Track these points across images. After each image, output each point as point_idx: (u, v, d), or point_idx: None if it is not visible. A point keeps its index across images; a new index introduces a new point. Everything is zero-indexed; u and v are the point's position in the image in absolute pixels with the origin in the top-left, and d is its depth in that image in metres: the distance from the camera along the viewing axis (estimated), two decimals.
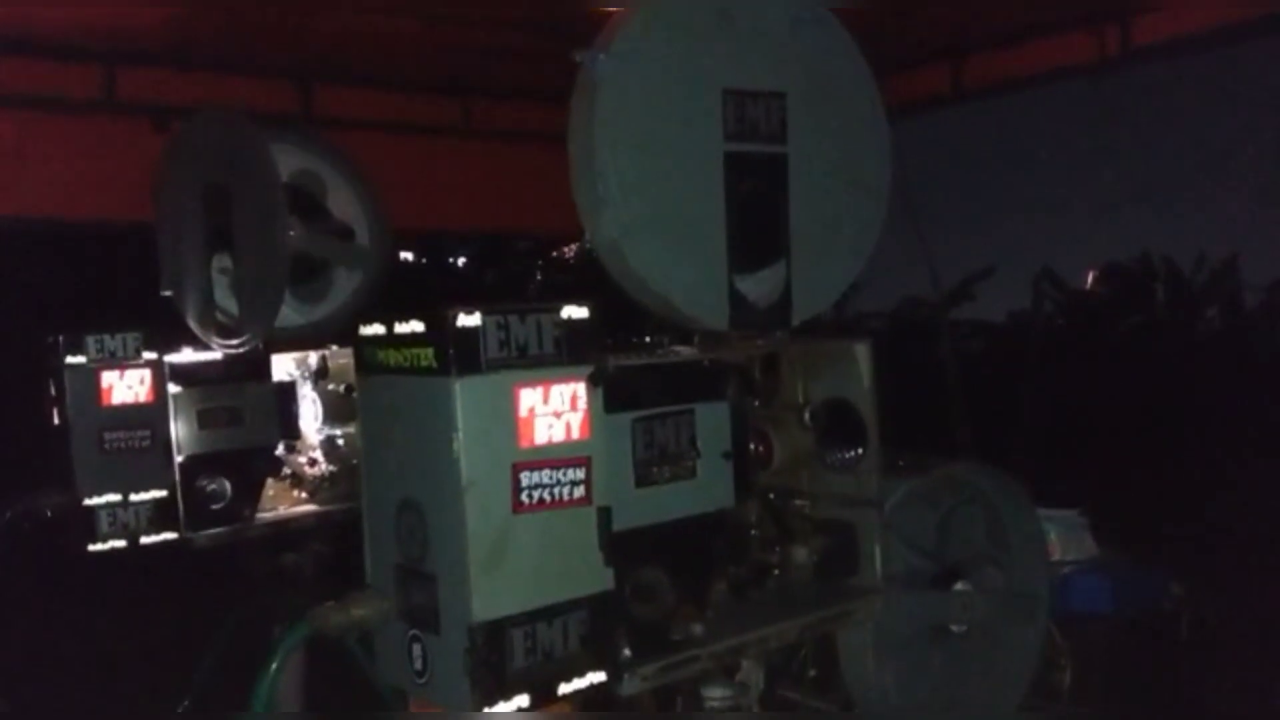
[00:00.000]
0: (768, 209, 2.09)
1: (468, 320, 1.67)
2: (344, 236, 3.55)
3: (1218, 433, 7.33)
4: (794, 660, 2.66)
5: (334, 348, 3.56)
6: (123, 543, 3.18)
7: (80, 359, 3.16)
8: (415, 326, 1.72)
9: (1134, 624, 3.72)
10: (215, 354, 3.31)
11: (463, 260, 11.27)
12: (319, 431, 3.56)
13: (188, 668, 3.57)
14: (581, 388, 1.77)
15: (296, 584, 3.45)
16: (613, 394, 1.82)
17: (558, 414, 1.74)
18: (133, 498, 3.19)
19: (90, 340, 3.17)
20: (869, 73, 2.23)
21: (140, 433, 3.21)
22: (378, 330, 1.80)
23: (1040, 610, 2.65)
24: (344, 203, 3.55)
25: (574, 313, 1.77)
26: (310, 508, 3.53)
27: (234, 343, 3.24)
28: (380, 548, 1.85)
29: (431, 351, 1.69)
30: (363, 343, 1.84)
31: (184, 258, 3.33)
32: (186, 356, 3.30)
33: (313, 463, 3.55)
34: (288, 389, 3.50)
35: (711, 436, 2.02)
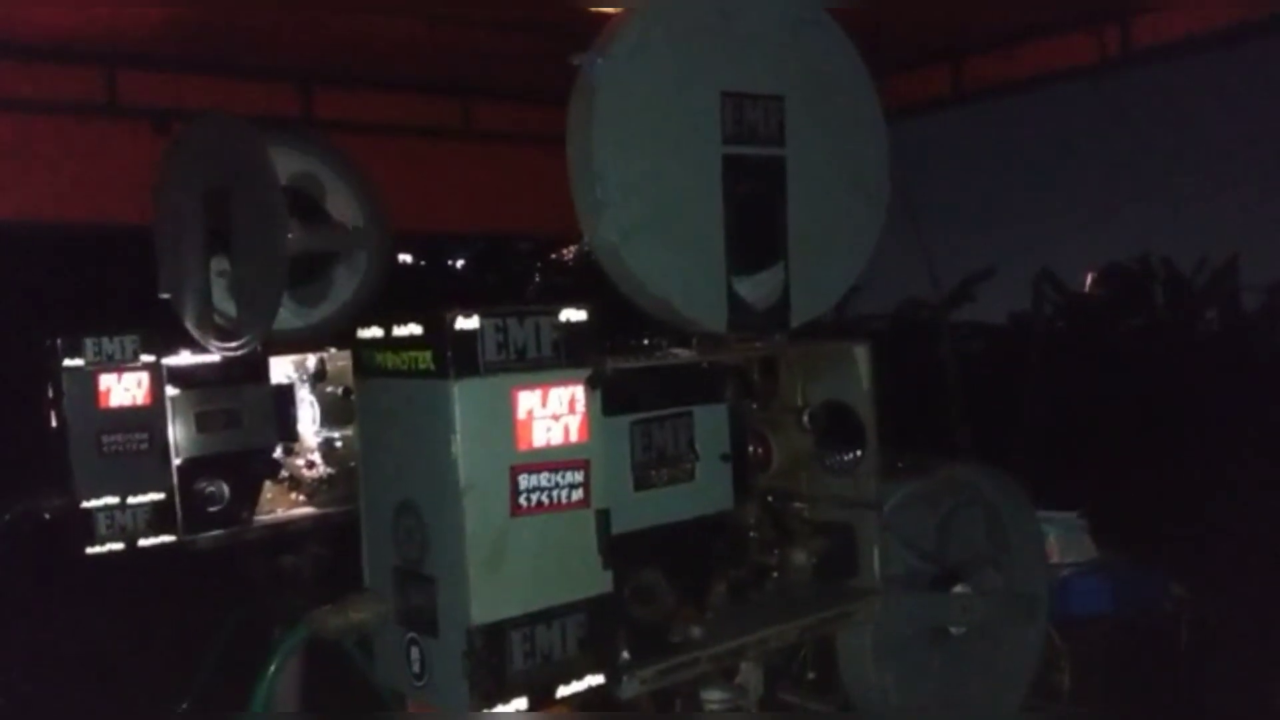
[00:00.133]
0: (766, 211, 2.08)
1: (466, 323, 1.67)
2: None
3: (1218, 434, 7.31)
4: (793, 662, 2.66)
5: (332, 350, 3.56)
6: (121, 545, 3.18)
7: (78, 361, 3.16)
8: (413, 329, 1.72)
9: (1134, 625, 3.72)
10: (213, 357, 3.30)
11: (461, 262, 11.26)
12: (317, 434, 3.56)
13: (186, 670, 3.57)
14: (580, 390, 1.77)
15: (295, 586, 3.44)
16: (611, 397, 1.81)
17: (556, 417, 1.74)
18: (130, 500, 3.18)
19: (88, 343, 3.17)
20: (868, 74, 2.22)
21: (138, 435, 3.21)
22: (376, 333, 1.80)
23: (1040, 612, 2.65)
24: (343, 204, 3.55)
25: (572, 315, 1.77)
26: (308, 510, 3.52)
27: (232, 345, 3.23)
28: (378, 550, 1.85)
29: (430, 354, 1.69)
30: (361, 345, 1.84)
31: (183, 260, 3.33)
32: (184, 359, 3.30)
33: (311, 465, 3.55)
34: (286, 391, 3.49)
35: (710, 439, 2.01)
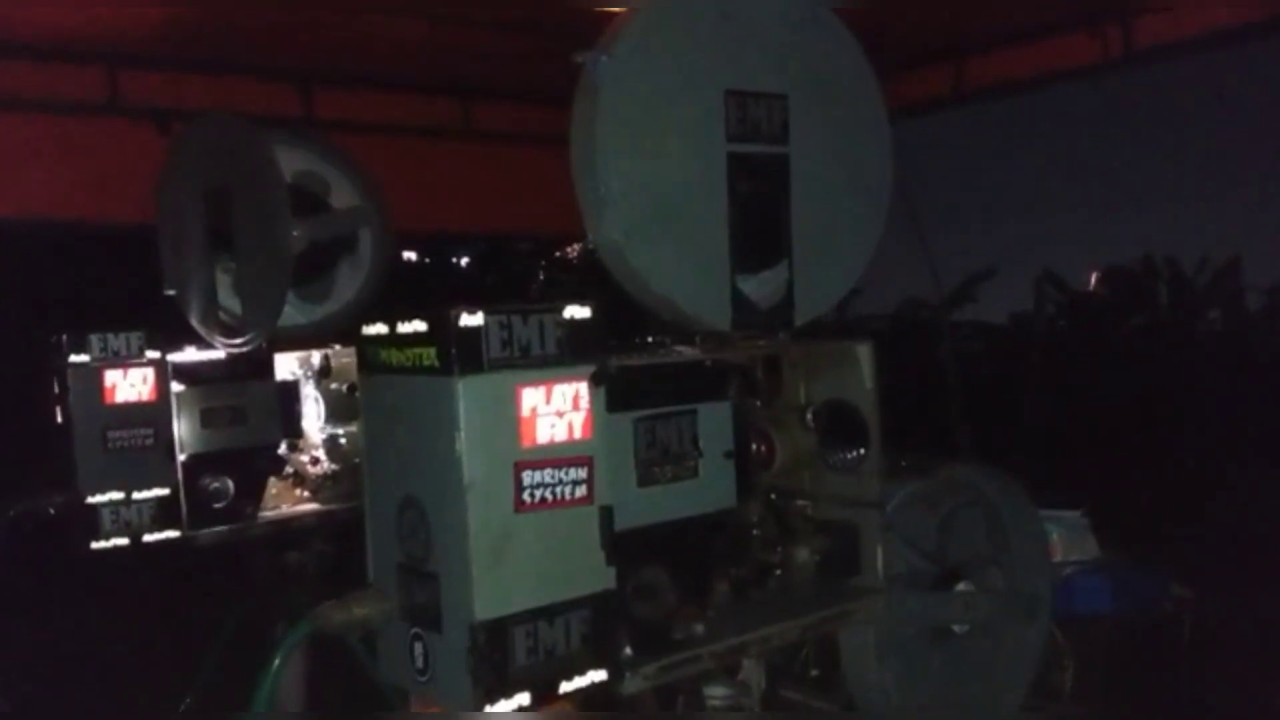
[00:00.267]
0: (770, 210, 2.09)
1: (470, 320, 1.67)
2: (346, 236, 3.55)
3: (1219, 434, 7.32)
4: (796, 660, 2.67)
5: (337, 347, 3.57)
6: (125, 541, 3.19)
7: (84, 358, 3.17)
8: (418, 326, 1.72)
9: (1135, 625, 3.72)
10: (218, 353, 3.32)
11: (465, 261, 11.27)
12: (321, 430, 3.57)
13: (189, 666, 3.58)
14: (584, 387, 1.77)
15: (298, 583, 3.45)
16: (615, 394, 1.82)
17: (560, 413, 1.74)
18: (135, 496, 3.19)
19: (94, 339, 3.18)
20: (872, 73, 2.23)
21: (143, 431, 3.22)
22: (380, 330, 1.80)
23: (1041, 612, 2.65)
24: (346, 202, 3.56)
25: (576, 313, 1.77)
26: (312, 507, 3.53)
27: (237, 342, 3.24)
28: (382, 546, 1.85)
29: (434, 351, 1.69)
30: (365, 342, 1.85)
31: (187, 258, 3.34)
32: (189, 355, 3.31)
33: (315, 462, 3.56)
34: (290, 388, 3.50)
35: (714, 436, 2.01)
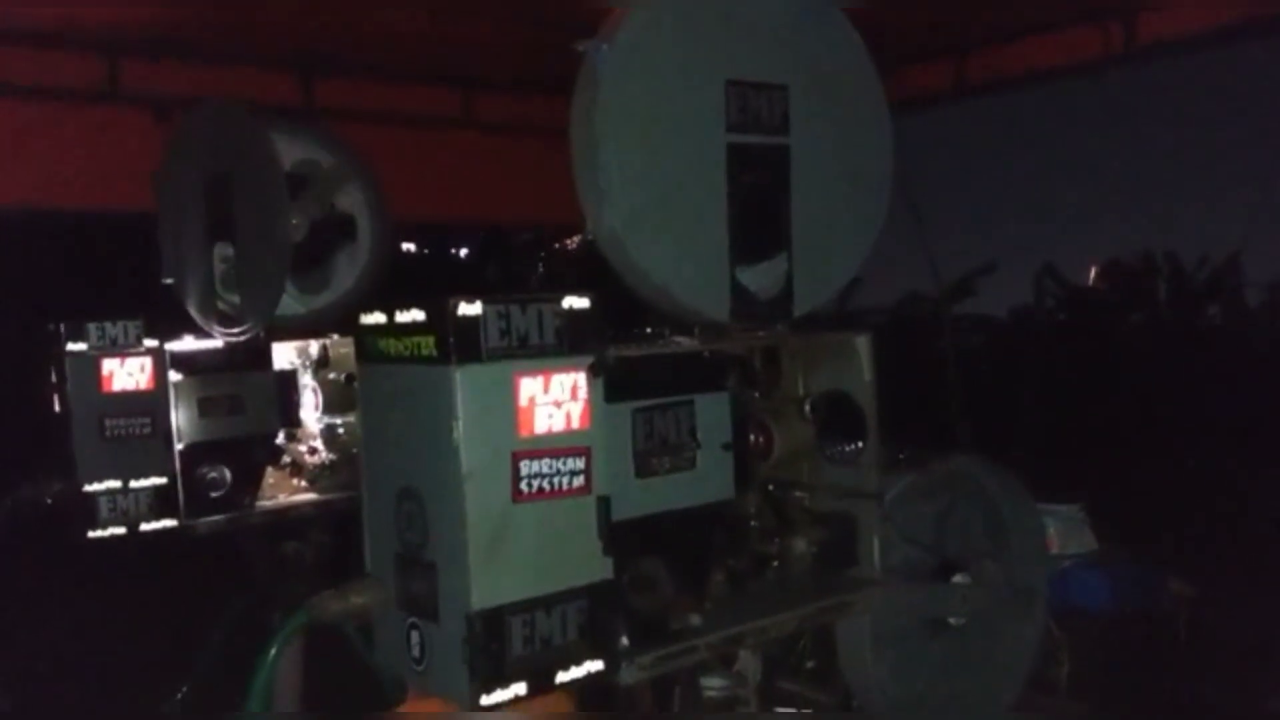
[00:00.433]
0: (770, 201, 2.08)
1: (469, 309, 1.67)
2: (346, 226, 3.55)
3: (1219, 430, 7.32)
4: (792, 651, 2.67)
5: (335, 336, 3.57)
6: (123, 530, 3.19)
7: (81, 346, 3.16)
8: (416, 315, 1.72)
9: (1132, 619, 3.73)
10: (216, 342, 3.32)
11: (464, 251, 11.27)
12: (319, 420, 3.57)
13: (187, 655, 3.58)
14: (582, 377, 1.77)
15: (296, 572, 3.46)
16: (613, 384, 1.81)
17: (558, 403, 1.74)
18: (133, 485, 3.19)
19: (91, 327, 3.17)
20: (873, 66, 2.22)
21: (141, 420, 3.22)
22: (378, 319, 1.80)
23: (1038, 606, 2.66)
24: (345, 192, 3.55)
25: (575, 303, 1.77)
26: (310, 496, 3.53)
27: (235, 331, 3.24)
28: (380, 536, 1.85)
29: (432, 340, 1.69)
30: (363, 331, 1.84)
31: (185, 247, 3.33)
32: (187, 344, 3.31)
33: (313, 451, 3.56)
34: (288, 377, 3.50)
35: (712, 427, 2.01)
